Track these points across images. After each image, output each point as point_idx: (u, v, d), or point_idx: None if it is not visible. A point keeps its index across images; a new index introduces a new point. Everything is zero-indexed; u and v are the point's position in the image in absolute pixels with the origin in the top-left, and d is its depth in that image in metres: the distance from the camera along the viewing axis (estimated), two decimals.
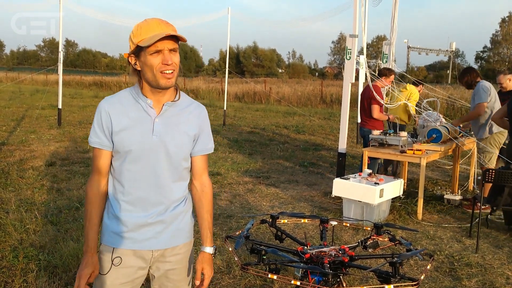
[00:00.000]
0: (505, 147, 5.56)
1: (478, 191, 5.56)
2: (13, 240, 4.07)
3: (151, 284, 1.91)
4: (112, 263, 1.77)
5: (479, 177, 5.86)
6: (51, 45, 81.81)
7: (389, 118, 6.40)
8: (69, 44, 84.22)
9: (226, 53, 14.48)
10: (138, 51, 1.67)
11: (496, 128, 5.49)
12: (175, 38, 1.67)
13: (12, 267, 3.55)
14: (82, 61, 78.39)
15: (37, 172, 6.83)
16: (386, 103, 6.29)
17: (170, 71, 1.66)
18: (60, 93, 12.33)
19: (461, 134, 6.11)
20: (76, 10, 13.92)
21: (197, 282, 1.83)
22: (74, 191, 5.79)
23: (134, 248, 1.77)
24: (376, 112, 6.14)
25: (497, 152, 5.55)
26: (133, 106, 1.74)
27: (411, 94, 6.90)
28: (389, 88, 6.57)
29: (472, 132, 6.00)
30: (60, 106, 12.33)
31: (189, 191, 1.94)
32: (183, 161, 1.80)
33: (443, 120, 6.18)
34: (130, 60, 1.72)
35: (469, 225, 4.79)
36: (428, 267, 2.33)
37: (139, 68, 1.70)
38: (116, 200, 1.78)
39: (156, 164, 1.74)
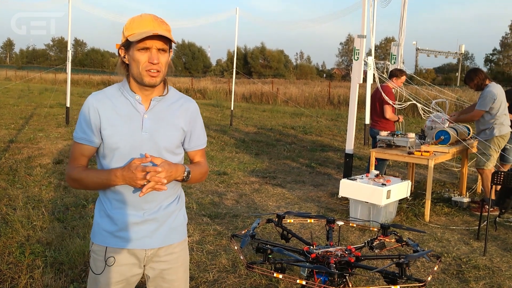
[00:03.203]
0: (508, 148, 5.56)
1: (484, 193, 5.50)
2: (20, 237, 4.10)
3: (146, 285, 1.88)
4: (106, 263, 1.74)
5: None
6: (60, 44, 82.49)
7: (399, 118, 6.39)
8: (77, 43, 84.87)
9: (234, 53, 14.49)
10: (127, 44, 1.66)
11: (497, 132, 5.45)
12: (166, 38, 1.65)
13: (18, 263, 3.57)
14: (90, 60, 78.89)
15: (45, 169, 6.87)
16: (395, 104, 6.26)
17: (154, 71, 1.65)
18: (68, 92, 12.42)
19: (470, 136, 6.06)
20: (85, 10, 14.00)
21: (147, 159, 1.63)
22: (79, 189, 5.81)
23: (127, 247, 1.74)
24: (388, 112, 6.15)
25: (495, 155, 5.50)
26: (122, 102, 1.72)
27: None
28: (399, 89, 6.54)
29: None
30: (68, 105, 12.42)
31: (181, 188, 1.93)
32: (173, 156, 1.77)
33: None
34: (120, 52, 1.71)
35: (477, 227, 4.75)
36: (435, 268, 2.31)
37: (127, 62, 1.70)
38: (108, 198, 1.75)
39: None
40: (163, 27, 1.65)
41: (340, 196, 5.11)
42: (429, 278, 2.09)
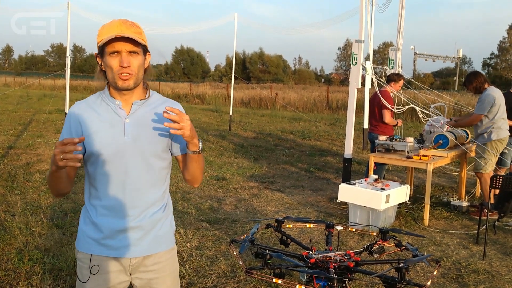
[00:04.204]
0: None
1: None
2: (19, 243, 4.08)
3: None
4: (91, 272, 1.73)
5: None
6: (59, 50, 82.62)
7: (397, 123, 6.41)
8: (76, 49, 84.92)
9: (233, 58, 14.53)
10: (101, 51, 1.66)
11: (495, 136, 5.46)
12: (136, 41, 1.64)
13: (17, 270, 3.55)
14: (89, 66, 78.85)
15: (43, 175, 6.86)
16: (393, 108, 6.28)
17: (125, 74, 1.64)
18: (67, 98, 12.42)
19: (468, 140, 6.08)
20: (84, 16, 14.02)
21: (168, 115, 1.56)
22: (80, 195, 5.80)
23: (112, 255, 1.73)
24: (387, 117, 6.17)
25: (494, 159, 5.51)
26: (103, 108, 1.72)
27: None
28: (397, 93, 6.55)
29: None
30: (67, 111, 12.39)
31: (169, 195, 1.90)
32: (158, 160, 1.75)
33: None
34: (97, 60, 1.71)
35: (476, 231, 4.75)
36: (435, 273, 2.31)
37: (104, 69, 1.70)
38: (92, 205, 1.74)
39: (131, 165, 1.69)
40: (132, 30, 1.64)
41: (339, 201, 5.11)
42: (428, 283, 2.09)
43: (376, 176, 5.17)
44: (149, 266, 1.79)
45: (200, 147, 1.71)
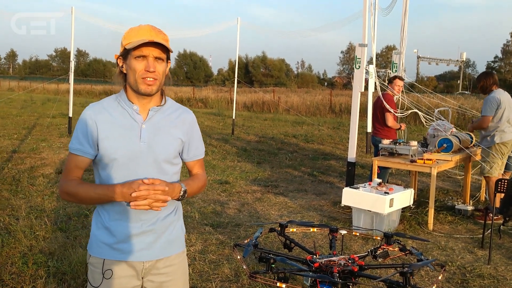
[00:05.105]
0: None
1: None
2: (23, 247, 4.09)
3: None
4: (103, 276, 1.73)
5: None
6: (63, 54, 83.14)
7: (400, 126, 6.40)
8: (80, 54, 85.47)
9: (235, 62, 14.54)
10: (125, 53, 1.67)
11: (498, 139, 5.45)
12: (163, 48, 1.67)
13: (21, 273, 3.56)
14: (92, 70, 79.37)
15: (47, 179, 6.88)
16: (396, 112, 6.27)
17: (151, 79, 1.65)
18: (71, 102, 12.47)
19: (472, 143, 6.05)
20: (88, 20, 14.09)
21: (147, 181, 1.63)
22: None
23: (125, 259, 1.73)
24: (390, 120, 6.17)
25: (499, 162, 5.49)
26: (119, 112, 1.72)
27: None
28: (399, 97, 6.55)
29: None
30: (70, 115, 12.46)
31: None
32: (171, 166, 1.77)
33: (454, 129, 6.13)
34: (118, 62, 1.72)
35: (481, 235, 4.72)
36: (440, 277, 2.30)
37: (125, 71, 1.71)
38: (105, 210, 1.74)
39: (144, 170, 1.69)
40: (161, 36, 1.67)
41: (342, 205, 5.10)
42: (433, 287, 2.08)
43: (380, 180, 5.16)
44: (161, 269, 1.80)
45: (181, 195, 1.73)
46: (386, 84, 6.39)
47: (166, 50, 1.68)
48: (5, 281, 3.43)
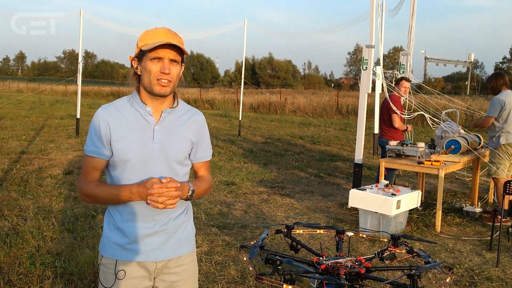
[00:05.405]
0: None
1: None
2: (31, 247, 4.12)
3: None
4: (116, 277, 1.74)
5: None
6: (71, 56, 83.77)
7: (407, 128, 6.37)
8: (88, 55, 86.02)
9: (242, 64, 14.56)
10: (141, 55, 1.69)
11: (503, 140, 5.42)
12: (179, 50, 1.68)
13: (29, 274, 3.58)
14: (100, 72, 79.84)
15: (55, 180, 6.93)
16: (403, 114, 6.23)
17: (165, 80, 1.67)
18: (78, 103, 12.55)
19: (481, 145, 6.01)
20: (96, 22, 14.18)
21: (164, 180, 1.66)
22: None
23: (138, 259, 1.75)
24: (397, 121, 6.15)
25: (506, 163, 5.44)
26: (132, 114, 1.74)
27: None
28: (405, 98, 6.51)
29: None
30: (78, 116, 12.54)
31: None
32: (182, 167, 1.80)
33: (462, 131, 6.09)
34: (133, 63, 1.74)
35: (489, 238, 4.68)
36: (447, 280, 2.27)
37: (139, 73, 1.72)
38: (118, 211, 1.75)
39: (156, 171, 1.71)
40: (176, 39, 1.69)
41: (349, 207, 5.08)
42: None
43: (387, 182, 5.13)
44: (172, 268, 1.82)
45: (189, 195, 1.74)
46: (393, 85, 6.36)
47: (181, 53, 1.71)
48: (13, 281, 3.45)
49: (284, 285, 2.14)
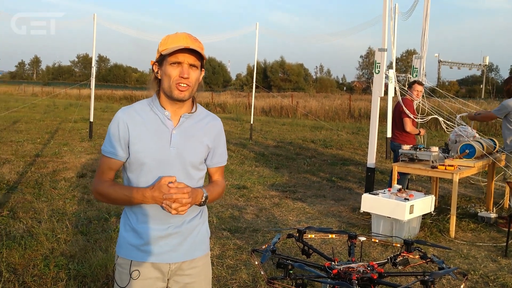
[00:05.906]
0: None
1: None
2: (45, 249, 4.17)
3: None
4: (131, 277, 1.76)
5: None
6: (85, 60, 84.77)
7: (419, 132, 6.31)
8: (101, 59, 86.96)
9: (254, 68, 14.60)
10: (161, 59, 1.71)
11: None
12: (198, 55, 1.70)
13: (43, 276, 3.62)
14: (113, 76, 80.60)
15: (69, 183, 7.01)
16: (416, 118, 6.18)
17: (184, 85, 1.69)
18: (92, 107, 12.70)
19: (496, 149, 5.92)
20: (109, 27, 14.35)
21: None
22: (104, 203, 5.90)
23: (152, 261, 1.77)
24: (409, 125, 6.11)
25: None
26: (151, 117, 1.76)
27: None
28: (418, 102, 6.46)
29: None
30: (91, 120, 12.69)
31: None
32: (197, 171, 1.82)
33: (477, 135, 6.01)
34: (154, 68, 1.76)
35: (504, 244, 4.60)
36: (462, 286, 2.24)
37: (160, 77, 1.74)
38: (133, 212, 1.78)
39: (172, 175, 1.72)
40: (196, 44, 1.71)
41: (362, 211, 5.04)
42: None
43: (399, 186, 5.09)
44: (186, 270, 1.84)
45: (203, 201, 1.77)
46: (405, 89, 6.32)
47: (200, 58, 1.72)
48: (27, 283, 3.50)
49: None
